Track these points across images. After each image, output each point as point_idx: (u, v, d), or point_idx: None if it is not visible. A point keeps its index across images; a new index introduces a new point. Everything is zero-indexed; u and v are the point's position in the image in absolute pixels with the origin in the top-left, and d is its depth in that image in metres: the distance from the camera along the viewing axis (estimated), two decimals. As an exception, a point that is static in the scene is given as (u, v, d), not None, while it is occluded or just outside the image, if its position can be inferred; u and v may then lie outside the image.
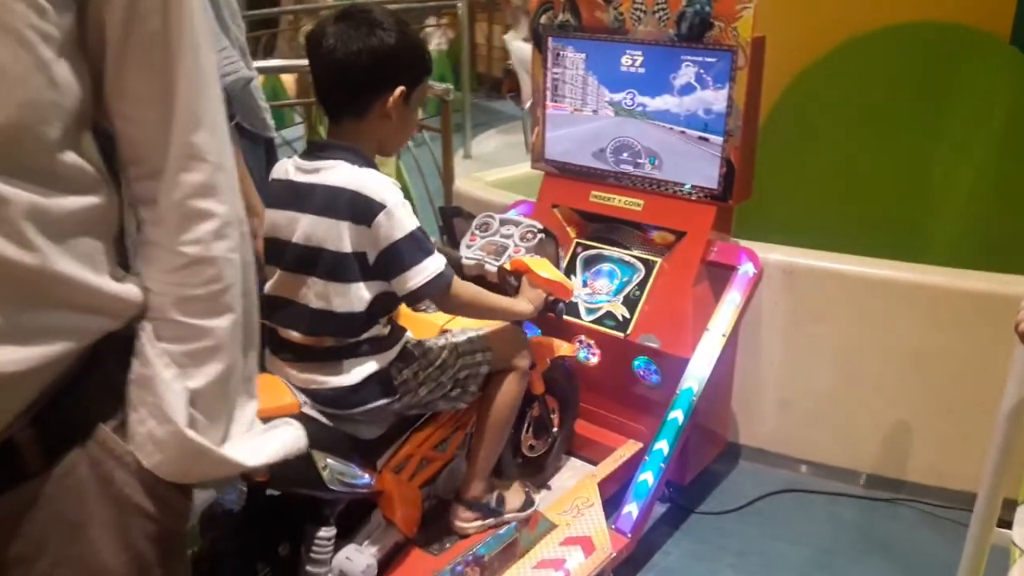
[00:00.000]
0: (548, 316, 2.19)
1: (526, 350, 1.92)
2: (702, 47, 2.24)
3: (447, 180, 3.44)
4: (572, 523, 2.10)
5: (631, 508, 2.14)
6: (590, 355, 2.46)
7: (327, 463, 1.63)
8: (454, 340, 1.81)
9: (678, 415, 2.21)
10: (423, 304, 1.80)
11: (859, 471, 2.62)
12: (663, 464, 2.17)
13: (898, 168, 3.18)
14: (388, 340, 1.67)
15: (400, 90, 1.61)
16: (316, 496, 1.66)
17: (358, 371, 1.64)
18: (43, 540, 0.78)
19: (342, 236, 1.57)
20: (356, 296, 1.59)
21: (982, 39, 3.03)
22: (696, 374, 2.24)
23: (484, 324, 1.93)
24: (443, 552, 1.91)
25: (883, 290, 2.50)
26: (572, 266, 2.53)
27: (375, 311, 1.62)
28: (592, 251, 2.54)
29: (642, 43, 2.35)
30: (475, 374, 1.81)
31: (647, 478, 2.18)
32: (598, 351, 2.45)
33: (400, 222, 1.57)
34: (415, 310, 1.83)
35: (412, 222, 1.59)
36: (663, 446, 2.19)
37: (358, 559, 1.73)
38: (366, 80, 1.59)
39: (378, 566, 1.80)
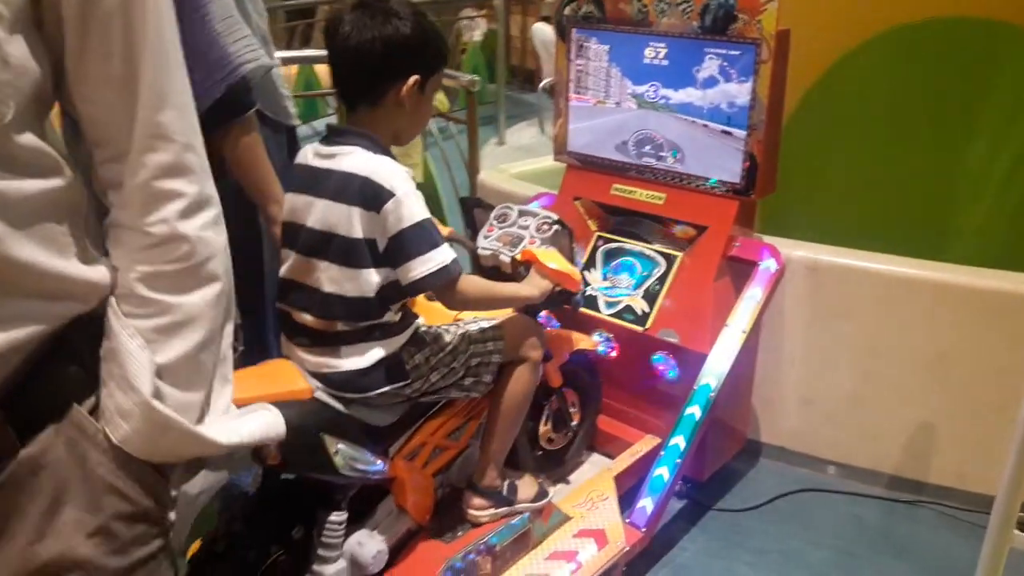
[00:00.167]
0: (565, 308, 2.19)
1: (538, 340, 1.91)
2: (726, 40, 2.22)
3: (473, 172, 3.45)
4: (586, 516, 2.10)
5: (646, 503, 2.14)
6: (609, 349, 2.45)
7: (338, 448, 1.64)
8: (466, 327, 1.82)
9: (695, 411, 2.20)
10: None
11: (881, 472, 2.58)
12: (679, 460, 2.16)
13: (927, 165, 3.11)
14: (399, 325, 1.68)
15: (414, 79, 1.62)
16: (327, 480, 1.67)
17: (369, 355, 1.65)
18: (19, 520, 0.77)
19: (353, 222, 1.58)
20: (366, 281, 1.60)
21: (1015, 34, 2.96)
22: (714, 370, 2.22)
23: (498, 313, 1.93)
24: (455, 540, 1.91)
25: (908, 289, 2.46)
26: (592, 259, 2.53)
27: (386, 297, 1.63)
28: (613, 244, 2.53)
29: (666, 35, 2.34)
30: (487, 362, 1.81)
31: (663, 473, 2.17)
32: (617, 345, 2.45)
33: (409, 211, 1.57)
34: (429, 299, 1.83)
35: (422, 212, 1.59)
36: (679, 441, 2.18)
37: (369, 544, 1.75)
38: (381, 68, 1.60)
39: (390, 552, 1.81)
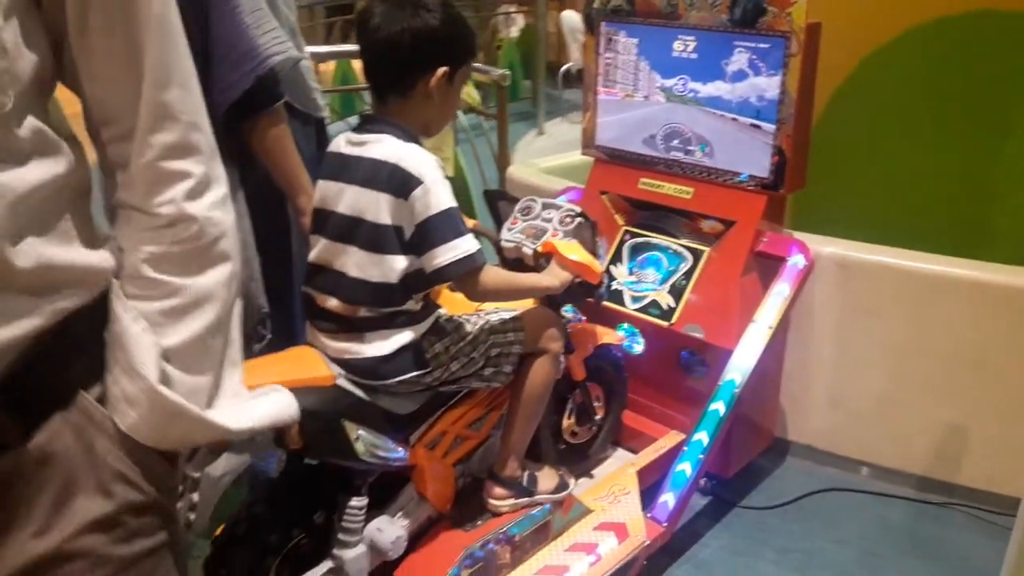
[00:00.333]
0: (588, 301, 2.19)
1: (559, 332, 1.92)
2: (755, 33, 2.20)
3: (502, 166, 3.46)
4: (607, 509, 2.10)
5: (667, 497, 2.13)
6: (634, 344, 2.44)
7: (359, 434, 1.66)
8: (487, 318, 1.83)
9: (719, 407, 2.19)
10: None
11: (910, 473, 2.54)
12: (702, 455, 2.16)
13: (961, 161, 3.06)
14: (421, 314, 1.70)
15: (443, 70, 1.64)
16: (348, 466, 1.69)
17: (391, 342, 1.66)
18: (27, 509, 0.74)
19: (381, 208, 1.61)
20: (390, 268, 1.62)
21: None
22: (740, 366, 2.21)
23: (519, 305, 1.94)
24: (475, 529, 1.93)
25: (940, 287, 2.42)
26: (619, 254, 2.52)
27: (408, 285, 1.64)
28: (639, 239, 2.52)
29: (695, 28, 2.32)
30: (507, 353, 1.82)
31: (685, 468, 2.16)
32: (642, 340, 2.44)
33: (436, 198, 1.59)
34: (451, 289, 1.85)
35: (448, 200, 1.61)
36: (702, 437, 2.17)
37: (389, 530, 1.77)
38: (410, 60, 1.62)
39: (409, 539, 1.84)
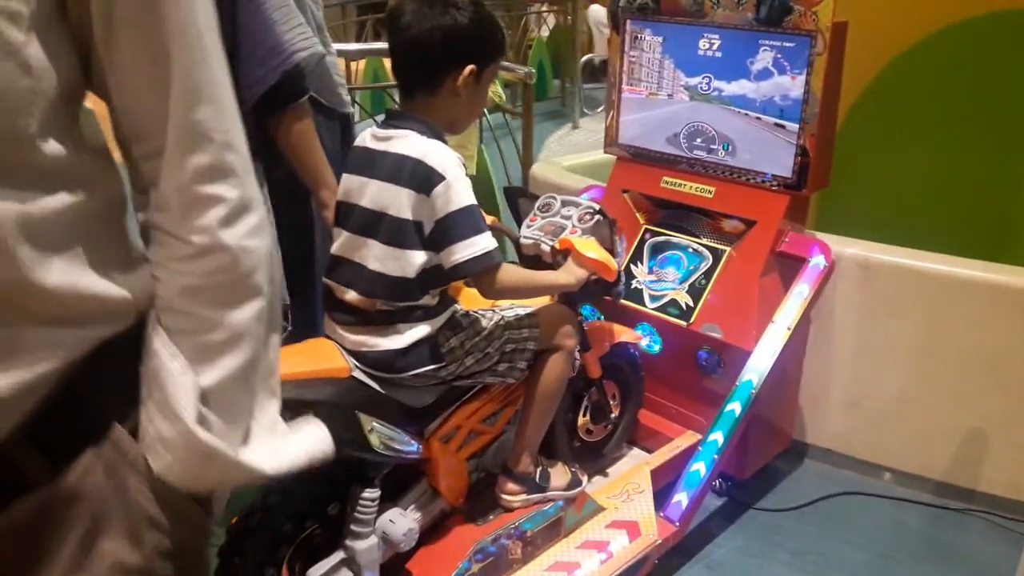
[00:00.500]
0: (606, 299, 2.19)
1: (574, 330, 1.92)
2: (781, 31, 2.18)
3: (526, 164, 3.47)
4: (620, 507, 2.10)
5: (681, 497, 2.13)
6: (651, 343, 2.44)
7: (373, 426, 1.68)
8: (503, 313, 1.84)
9: (735, 407, 2.18)
10: None
11: (929, 477, 2.51)
12: (716, 456, 2.15)
13: (987, 163, 3.01)
14: (436, 308, 1.71)
15: (471, 68, 1.65)
16: (361, 458, 1.71)
17: (407, 336, 1.68)
18: (55, 550, 0.70)
19: (403, 203, 1.62)
20: (409, 262, 1.64)
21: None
22: (757, 366, 2.20)
23: (534, 302, 1.94)
24: (487, 524, 1.94)
25: (963, 290, 2.38)
26: (639, 252, 2.52)
27: (425, 280, 1.66)
28: (660, 238, 2.51)
29: (720, 27, 2.31)
30: (522, 349, 1.83)
31: (699, 468, 2.15)
32: (660, 339, 2.44)
33: (458, 195, 1.60)
34: (468, 284, 1.86)
35: (469, 198, 1.62)
36: (718, 437, 2.17)
37: (401, 522, 1.78)
38: (438, 57, 1.63)
39: (421, 532, 1.85)
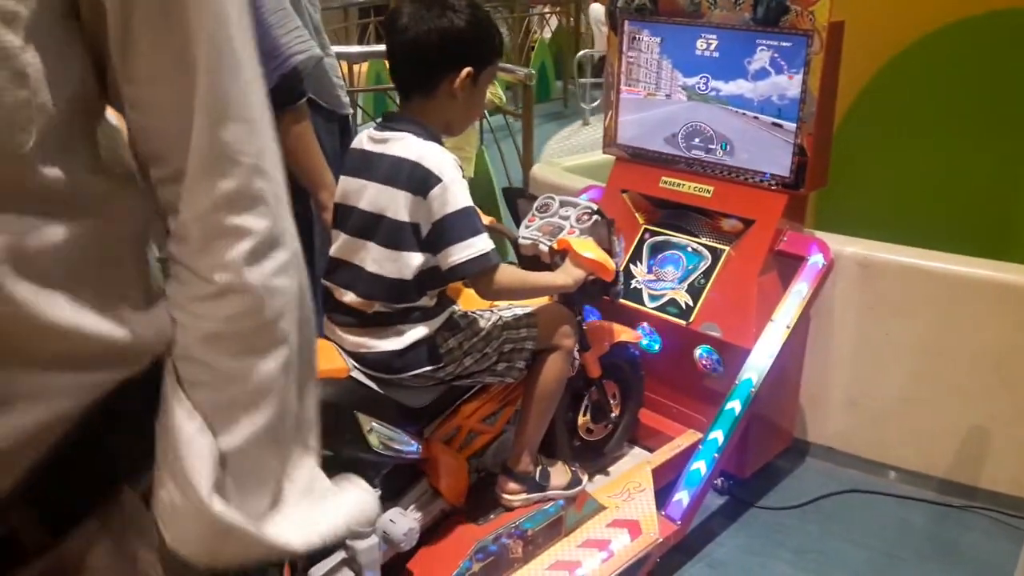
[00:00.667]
0: (604, 299, 2.20)
1: (572, 329, 1.93)
2: (777, 31, 2.19)
3: (526, 166, 3.47)
4: (621, 506, 2.10)
5: (682, 496, 2.13)
6: (651, 342, 2.44)
7: (372, 426, 1.69)
8: (501, 314, 1.85)
9: (735, 406, 2.18)
10: None
11: (931, 475, 2.50)
12: (716, 454, 2.15)
13: (986, 161, 3.01)
14: (435, 309, 1.72)
15: (468, 71, 1.66)
16: (360, 458, 1.72)
17: (405, 337, 1.68)
18: None
19: (400, 205, 1.63)
20: (406, 264, 1.64)
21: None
22: (756, 365, 2.20)
23: (533, 302, 1.95)
24: (487, 523, 1.94)
25: (963, 288, 2.38)
26: (639, 252, 2.52)
27: (423, 282, 1.66)
28: (659, 237, 2.52)
29: (718, 27, 2.32)
30: (520, 348, 1.83)
31: (700, 467, 2.16)
32: (660, 338, 2.44)
33: (454, 197, 1.61)
34: (466, 285, 1.86)
35: (465, 200, 1.63)
36: (718, 436, 2.17)
37: (401, 522, 1.79)
38: (435, 59, 1.64)
39: (422, 531, 1.85)
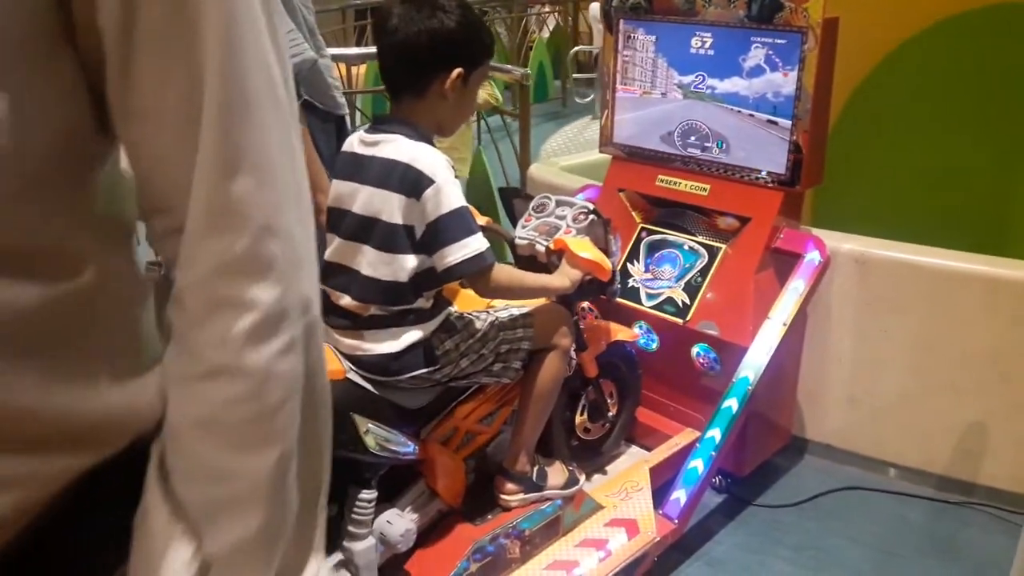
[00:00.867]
0: (601, 298, 2.20)
1: (568, 329, 1.93)
2: (772, 28, 2.19)
3: (524, 165, 3.47)
4: (619, 505, 2.10)
5: (679, 494, 2.13)
6: (649, 341, 2.45)
7: (369, 428, 1.69)
8: (497, 314, 1.85)
9: (732, 404, 2.18)
10: None
11: (930, 472, 2.50)
12: (714, 452, 2.15)
13: (984, 157, 3.00)
14: (431, 311, 1.72)
15: (458, 71, 1.66)
16: (358, 459, 1.72)
17: (401, 340, 1.69)
18: None
19: (394, 208, 1.63)
20: (400, 267, 1.64)
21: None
22: (753, 363, 2.20)
23: (529, 303, 1.95)
24: (485, 523, 1.95)
25: (961, 284, 2.38)
26: (636, 251, 2.52)
27: (419, 283, 1.66)
28: (656, 236, 2.52)
29: (712, 25, 2.32)
30: (516, 349, 1.84)
31: (697, 465, 2.16)
32: (657, 337, 2.44)
33: (448, 198, 1.61)
34: (462, 286, 1.86)
35: (459, 200, 1.63)
36: (715, 434, 2.17)
37: (398, 523, 1.79)
38: (425, 60, 1.64)
39: (419, 532, 1.86)
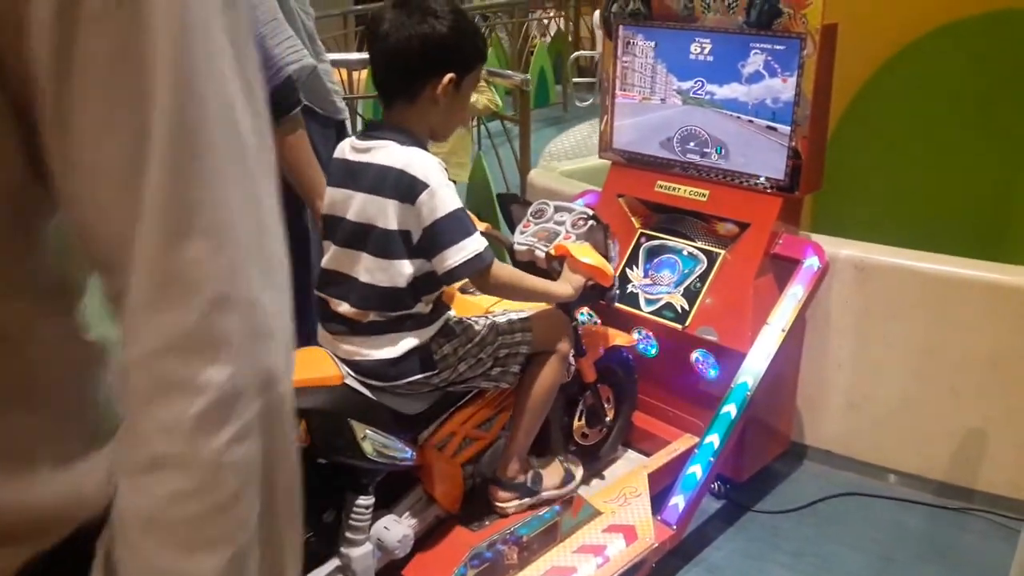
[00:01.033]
0: (600, 303, 2.20)
1: (567, 334, 1.93)
2: (771, 34, 2.19)
3: (524, 171, 3.48)
4: (617, 511, 2.10)
5: (677, 500, 2.13)
6: (648, 347, 2.45)
7: (366, 434, 1.69)
8: (495, 319, 1.85)
9: (731, 409, 2.18)
10: (470, 287, 1.83)
11: (929, 478, 2.49)
12: (712, 458, 2.15)
13: (985, 164, 3.00)
14: (430, 316, 1.72)
15: (450, 77, 1.65)
16: (355, 465, 1.72)
17: (400, 345, 1.69)
18: None
19: (389, 214, 1.63)
20: (398, 272, 1.64)
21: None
22: (752, 368, 2.20)
23: (529, 307, 1.95)
24: (482, 529, 1.95)
25: (960, 289, 2.38)
26: (635, 256, 2.52)
27: (417, 288, 1.67)
28: (655, 241, 2.52)
29: (711, 31, 2.32)
30: (515, 353, 1.84)
31: (696, 471, 2.15)
32: (656, 343, 2.44)
33: (443, 202, 1.61)
34: (463, 291, 1.86)
35: (455, 202, 1.63)
36: (714, 439, 2.17)
37: (395, 529, 1.79)
38: (417, 66, 1.64)
39: (416, 538, 1.86)
